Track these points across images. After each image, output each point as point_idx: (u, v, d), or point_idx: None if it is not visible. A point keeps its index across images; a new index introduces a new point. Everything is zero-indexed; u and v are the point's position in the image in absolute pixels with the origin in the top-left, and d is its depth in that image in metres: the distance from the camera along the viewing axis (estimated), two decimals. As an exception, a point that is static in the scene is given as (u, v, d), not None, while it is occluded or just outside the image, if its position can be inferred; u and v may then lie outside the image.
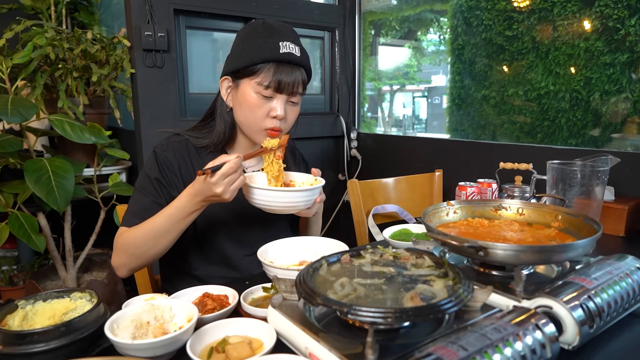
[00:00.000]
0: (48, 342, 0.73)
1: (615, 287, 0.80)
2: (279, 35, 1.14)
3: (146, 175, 1.19)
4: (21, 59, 1.81)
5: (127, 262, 1.13)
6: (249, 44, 1.15)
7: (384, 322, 0.62)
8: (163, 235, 1.09)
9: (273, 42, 1.13)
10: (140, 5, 2.04)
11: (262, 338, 0.78)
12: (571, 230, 0.99)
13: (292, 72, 1.15)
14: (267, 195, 1.08)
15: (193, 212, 1.07)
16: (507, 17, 2.11)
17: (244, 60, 1.14)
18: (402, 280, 0.77)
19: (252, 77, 1.14)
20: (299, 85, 1.17)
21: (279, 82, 1.13)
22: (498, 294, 0.82)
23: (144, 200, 1.16)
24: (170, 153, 1.21)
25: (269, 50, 1.13)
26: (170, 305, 0.84)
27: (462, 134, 2.43)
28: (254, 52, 1.13)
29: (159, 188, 1.18)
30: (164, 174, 1.19)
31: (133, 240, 1.11)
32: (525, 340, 0.63)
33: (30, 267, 2.44)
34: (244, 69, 1.15)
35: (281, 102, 1.16)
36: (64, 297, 0.87)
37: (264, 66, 1.13)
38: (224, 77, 1.21)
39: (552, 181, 1.36)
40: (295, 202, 1.09)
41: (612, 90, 1.79)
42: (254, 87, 1.15)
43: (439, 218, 1.11)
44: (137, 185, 1.20)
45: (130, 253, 1.12)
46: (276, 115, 1.16)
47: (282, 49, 1.13)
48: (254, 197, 1.09)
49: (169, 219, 1.07)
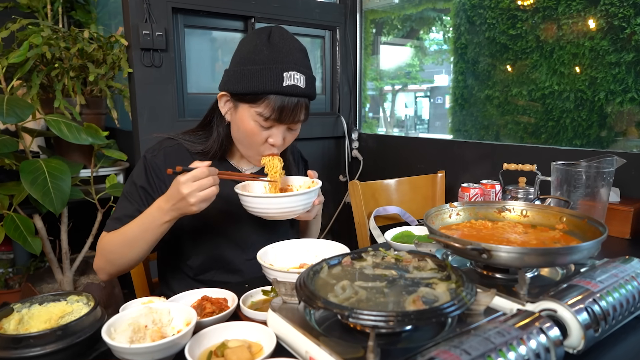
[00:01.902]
0: (44, 346, 0.73)
1: (620, 290, 0.80)
2: (283, 62, 1.08)
3: (133, 182, 1.19)
4: (17, 59, 1.81)
5: (104, 267, 1.15)
6: (251, 69, 1.09)
7: (386, 325, 0.62)
8: (133, 244, 1.09)
9: (277, 71, 1.07)
10: (138, 3, 2.04)
11: (261, 342, 0.78)
12: (576, 233, 0.99)
13: (294, 102, 1.10)
14: (265, 203, 1.08)
15: (164, 223, 1.06)
16: (511, 16, 2.11)
17: (244, 87, 1.09)
18: (404, 283, 0.77)
19: (252, 105, 1.10)
20: (300, 114, 1.14)
21: (280, 114, 1.09)
22: (501, 297, 0.82)
23: (129, 207, 1.16)
24: (160, 159, 1.20)
25: (272, 81, 1.07)
26: (169, 308, 0.84)
27: (465, 134, 2.43)
28: (256, 81, 1.08)
29: (144, 196, 1.17)
30: (151, 181, 1.18)
31: (109, 246, 1.13)
32: (530, 345, 0.63)
33: (26, 269, 2.45)
34: (243, 95, 1.11)
35: (280, 131, 1.14)
36: (60, 301, 0.87)
37: (266, 97, 1.08)
38: (223, 93, 1.17)
39: (556, 182, 1.36)
40: (294, 206, 1.09)
41: (618, 90, 1.79)
42: (253, 115, 1.11)
43: (441, 220, 1.11)
44: (125, 191, 1.20)
45: (106, 258, 1.14)
46: (274, 144, 1.15)
47: (286, 81, 1.07)
48: (252, 205, 1.09)
49: (139, 227, 1.08)
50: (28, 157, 1.92)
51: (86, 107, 2.15)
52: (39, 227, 1.98)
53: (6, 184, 1.89)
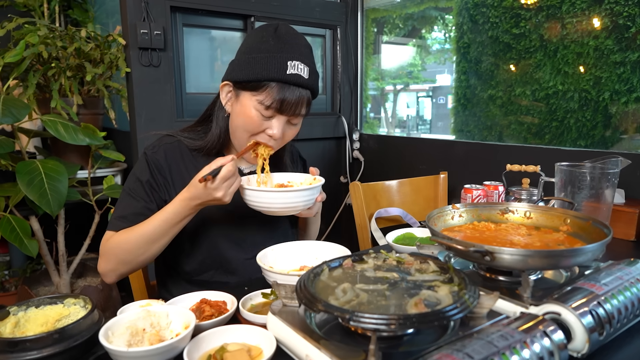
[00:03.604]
0: (41, 350, 0.73)
1: (625, 293, 0.80)
2: (289, 52, 1.10)
3: (137, 178, 1.19)
4: (13, 58, 1.82)
5: (116, 268, 1.14)
6: (256, 57, 1.10)
7: (387, 329, 0.62)
8: (156, 240, 1.10)
9: (281, 59, 1.09)
10: (136, 2, 2.05)
11: (261, 345, 0.78)
12: (580, 235, 0.99)
13: (297, 93, 1.11)
14: (267, 197, 1.08)
15: (187, 216, 1.09)
16: (514, 15, 2.12)
17: (247, 74, 1.10)
18: (405, 286, 0.77)
19: (254, 93, 1.11)
20: (302, 107, 1.14)
21: (281, 103, 1.10)
22: (505, 300, 0.82)
23: (135, 204, 1.16)
24: (161, 155, 1.21)
25: (276, 68, 1.08)
26: (167, 311, 0.84)
27: (467, 135, 2.43)
28: (260, 68, 1.09)
29: (150, 192, 1.18)
30: (155, 176, 1.19)
31: (124, 245, 1.11)
32: (533, 348, 0.64)
33: (22, 272, 2.45)
34: (246, 82, 1.11)
35: (280, 123, 1.14)
36: (57, 304, 0.87)
37: (268, 84, 1.09)
38: (225, 83, 1.18)
39: (560, 184, 1.36)
40: (296, 202, 1.09)
41: (623, 90, 1.79)
42: (255, 104, 1.11)
43: (443, 222, 1.11)
44: (127, 188, 1.19)
45: (120, 259, 1.13)
46: (272, 135, 1.14)
47: (290, 69, 1.09)
48: (254, 199, 1.09)
49: (164, 223, 1.08)
50: (24, 157, 1.92)
51: (83, 107, 2.15)
52: (36, 229, 1.99)
53: (2, 185, 1.89)
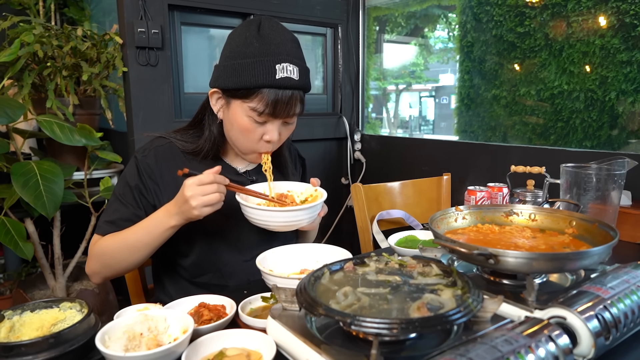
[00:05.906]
0: (36, 355, 0.73)
1: (632, 296, 0.80)
2: (275, 54, 1.08)
3: (126, 183, 1.19)
4: (8, 57, 1.82)
5: (100, 271, 1.16)
6: (242, 63, 1.08)
7: (389, 333, 0.62)
8: (136, 249, 1.11)
9: (269, 64, 1.07)
10: (133, 0, 2.05)
11: (261, 350, 0.78)
12: (586, 237, 0.99)
13: (288, 95, 1.10)
14: (268, 216, 1.09)
15: (169, 228, 1.08)
16: (519, 13, 2.12)
17: (236, 82, 1.09)
18: (408, 290, 0.77)
19: (245, 100, 1.10)
20: (295, 107, 1.14)
21: (274, 107, 1.09)
22: (509, 304, 0.82)
23: (123, 210, 1.17)
24: (151, 159, 1.20)
25: (264, 74, 1.07)
26: (165, 315, 0.84)
27: (471, 135, 2.43)
28: (247, 75, 1.07)
29: (139, 198, 1.18)
30: (145, 181, 1.19)
31: (108, 249, 1.13)
32: (538, 353, 0.64)
33: (17, 275, 2.45)
34: (235, 90, 1.10)
35: (275, 126, 1.14)
36: (52, 307, 0.87)
37: (259, 91, 1.08)
38: (214, 90, 1.16)
39: (565, 185, 1.36)
40: (298, 219, 1.10)
41: (630, 90, 1.79)
42: (247, 111, 1.11)
43: (447, 224, 1.11)
44: (117, 193, 1.20)
45: (103, 262, 1.15)
46: (269, 140, 1.15)
47: (279, 74, 1.07)
48: (255, 217, 1.10)
49: (144, 230, 1.10)
50: (19, 159, 1.93)
51: (79, 107, 2.16)
52: (31, 232, 1.99)
53: (-3, 186, 1.90)
